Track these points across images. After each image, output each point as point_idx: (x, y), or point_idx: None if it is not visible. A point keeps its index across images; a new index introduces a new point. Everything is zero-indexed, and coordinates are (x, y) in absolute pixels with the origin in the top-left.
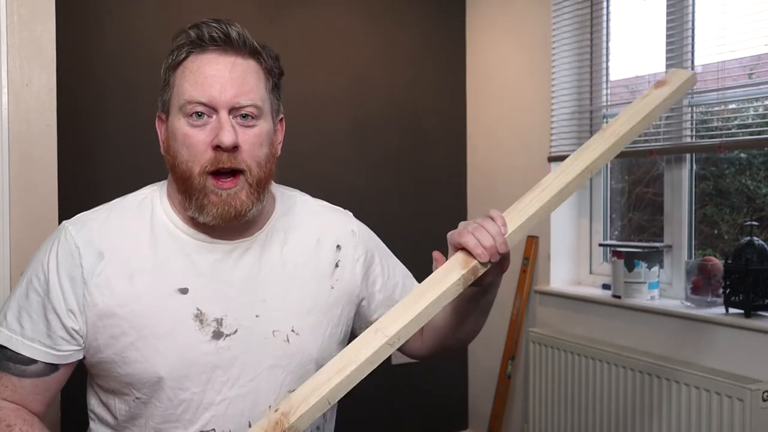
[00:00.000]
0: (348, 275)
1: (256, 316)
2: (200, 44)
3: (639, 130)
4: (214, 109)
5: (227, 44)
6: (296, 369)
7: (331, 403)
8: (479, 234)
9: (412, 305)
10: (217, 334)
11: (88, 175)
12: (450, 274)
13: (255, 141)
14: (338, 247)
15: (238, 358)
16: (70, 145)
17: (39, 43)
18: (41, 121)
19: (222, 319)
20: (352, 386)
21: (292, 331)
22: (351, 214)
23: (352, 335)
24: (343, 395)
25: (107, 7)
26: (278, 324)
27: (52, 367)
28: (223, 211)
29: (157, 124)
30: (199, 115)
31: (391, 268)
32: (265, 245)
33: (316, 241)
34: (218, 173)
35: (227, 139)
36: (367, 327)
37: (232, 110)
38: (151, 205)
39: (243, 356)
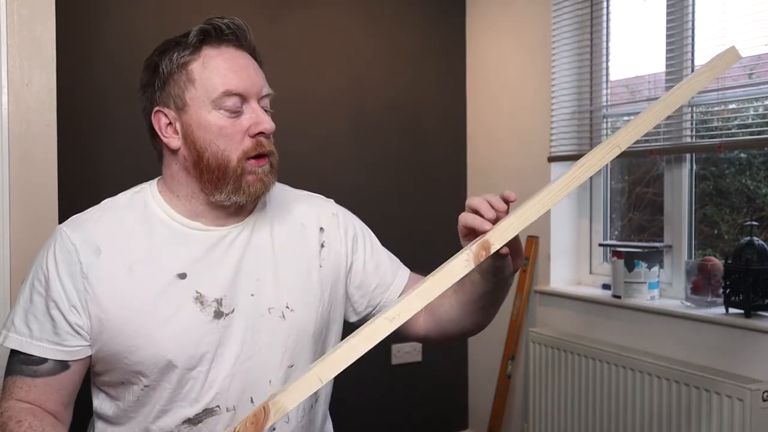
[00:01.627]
0: (334, 255)
1: (252, 295)
2: (217, 36)
3: (685, 95)
4: (246, 99)
5: (242, 38)
6: (293, 344)
7: (322, 381)
8: (472, 203)
9: (419, 284)
10: (218, 314)
11: (88, 175)
12: (459, 254)
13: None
14: (321, 229)
15: (237, 336)
16: (70, 145)
17: (39, 43)
18: (41, 121)
19: (222, 299)
20: (347, 364)
21: (287, 307)
22: (332, 200)
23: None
24: (335, 374)
25: (107, 7)
26: (273, 301)
27: (63, 365)
28: (257, 189)
29: (156, 120)
30: (236, 106)
31: (375, 246)
32: (255, 229)
33: (301, 224)
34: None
35: (271, 125)
36: (354, 298)
37: (260, 99)
38: (143, 200)
39: (242, 334)
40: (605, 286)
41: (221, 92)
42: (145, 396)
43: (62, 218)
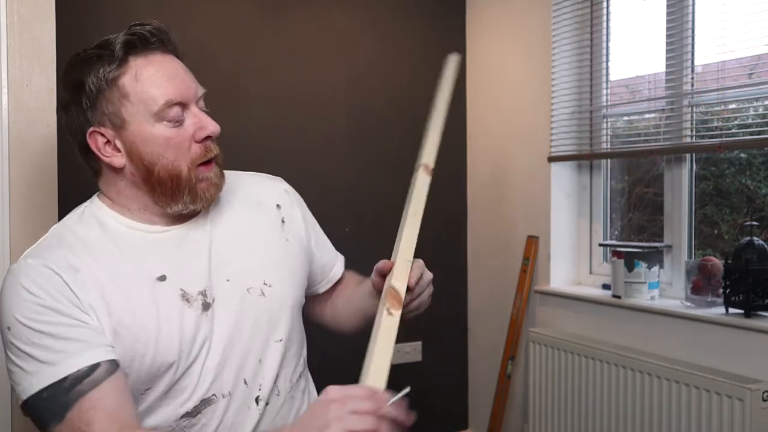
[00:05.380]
0: (296, 228)
1: (227, 280)
2: (143, 44)
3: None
4: (185, 105)
5: (166, 42)
6: (276, 318)
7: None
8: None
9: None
10: (206, 305)
11: (88, 175)
12: (380, 314)
13: None
14: (278, 206)
15: (222, 323)
16: (70, 145)
17: (39, 43)
18: (41, 121)
19: (205, 290)
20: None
21: (265, 284)
22: (282, 179)
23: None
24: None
25: (107, 7)
26: (249, 281)
27: (114, 363)
28: (211, 194)
29: (92, 141)
30: (177, 115)
31: (316, 225)
32: (214, 218)
33: (257, 203)
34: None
35: (215, 127)
36: (317, 265)
37: (197, 101)
38: (95, 217)
39: (227, 319)
40: (605, 286)
41: (162, 104)
42: (144, 397)
43: (62, 218)
